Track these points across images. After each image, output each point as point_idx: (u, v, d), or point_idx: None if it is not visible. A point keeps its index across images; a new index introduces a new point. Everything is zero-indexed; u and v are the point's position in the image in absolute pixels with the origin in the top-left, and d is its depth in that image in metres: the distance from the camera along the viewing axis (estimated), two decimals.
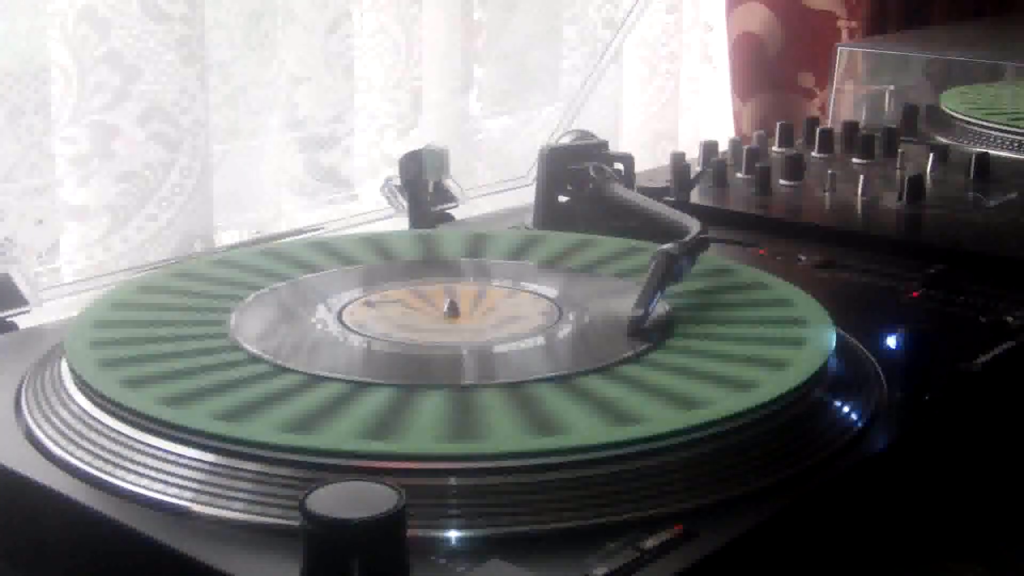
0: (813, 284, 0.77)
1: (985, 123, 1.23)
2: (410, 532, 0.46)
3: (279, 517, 0.50)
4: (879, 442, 0.59)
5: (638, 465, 0.53)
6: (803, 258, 0.87)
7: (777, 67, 1.57)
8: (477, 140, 1.28)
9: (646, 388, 0.59)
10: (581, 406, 0.57)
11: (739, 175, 1.07)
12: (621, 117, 1.48)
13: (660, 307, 0.69)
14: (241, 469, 0.52)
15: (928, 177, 1.05)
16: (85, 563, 0.54)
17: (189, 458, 0.53)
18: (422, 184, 0.99)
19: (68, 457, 0.56)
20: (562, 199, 0.93)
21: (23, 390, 0.63)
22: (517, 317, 0.71)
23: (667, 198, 0.96)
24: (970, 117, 1.25)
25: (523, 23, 1.31)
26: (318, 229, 1.02)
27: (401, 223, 1.00)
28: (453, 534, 0.49)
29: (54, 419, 0.58)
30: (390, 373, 0.62)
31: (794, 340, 0.65)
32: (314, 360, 0.63)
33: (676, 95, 1.53)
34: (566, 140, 0.96)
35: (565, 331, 0.68)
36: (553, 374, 0.61)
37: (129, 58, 0.93)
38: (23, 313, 0.76)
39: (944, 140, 1.22)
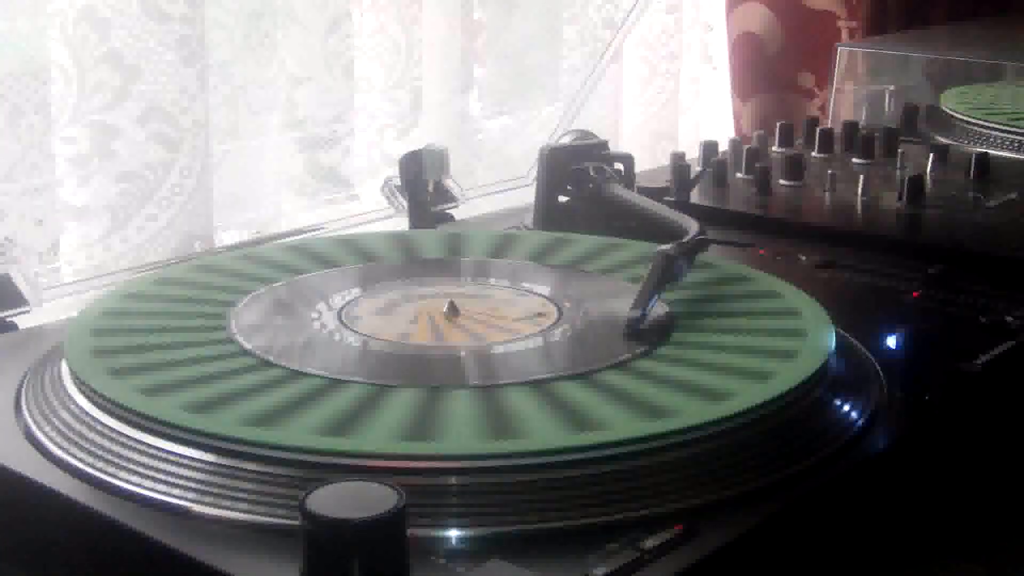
0: (813, 284, 0.77)
1: (985, 123, 1.23)
2: (410, 532, 0.46)
3: (279, 517, 0.50)
4: (879, 442, 0.59)
5: (638, 465, 0.53)
6: (803, 258, 0.87)
7: (777, 67, 1.57)
8: (477, 140, 1.28)
9: (645, 388, 0.59)
10: (581, 406, 0.57)
11: (739, 175, 1.07)
12: (621, 117, 1.48)
13: (659, 307, 0.69)
14: (241, 469, 0.52)
15: (928, 177, 1.05)
16: (85, 563, 0.54)
17: (190, 458, 0.53)
18: (422, 184, 0.99)
19: (68, 457, 0.56)
20: (562, 199, 0.93)
21: (23, 390, 0.63)
22: (518, 316, 0.71)
23: (667, 198, 0.96)
24: (970, 117, 1.25)
25: (523, 23, 1.31)
26: (318, 229, 1.02)
27: (401, 223, 1.00)
28: (453, 534, 0.49)
29: (54, 419, 0.58)
30: (397, 373, 0.62)
31: (793, 340, 0.65)
32: (314, 360, 0.63)
33: (676, 95, 1.53)
34: (566, 140, 0.96)
35: (565, 331, 0.68)
36: (553, 374, 0.61)
37: (129, 58, 0.93)
38: (23, 313, 0.76)
39: (944, 140, 1.22)
